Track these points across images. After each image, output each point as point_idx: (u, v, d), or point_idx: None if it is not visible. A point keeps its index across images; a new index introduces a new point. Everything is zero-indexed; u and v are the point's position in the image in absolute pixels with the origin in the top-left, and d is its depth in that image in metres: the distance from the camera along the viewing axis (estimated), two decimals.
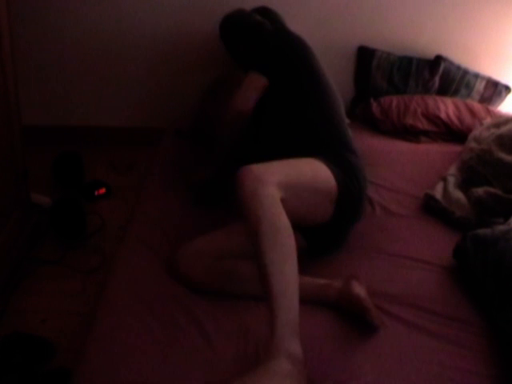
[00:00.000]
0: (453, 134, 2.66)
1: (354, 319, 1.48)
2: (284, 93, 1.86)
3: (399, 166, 2.35)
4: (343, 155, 1.75)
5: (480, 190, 2.00)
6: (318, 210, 1.63)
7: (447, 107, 2.68)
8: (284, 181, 1.46)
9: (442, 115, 2.65)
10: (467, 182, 2.13)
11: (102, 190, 2.61)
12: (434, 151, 2.53)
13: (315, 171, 1.62)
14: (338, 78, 2.88)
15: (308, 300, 1.49)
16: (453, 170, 2.23)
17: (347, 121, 1.87)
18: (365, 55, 2.87)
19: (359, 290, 1.50)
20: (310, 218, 1.64)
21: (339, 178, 1.63)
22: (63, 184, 2.66)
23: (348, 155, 1.76)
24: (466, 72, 2.81)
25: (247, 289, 1.55)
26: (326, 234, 1.69)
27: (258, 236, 1.35)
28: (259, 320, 1.44)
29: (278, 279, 1.31)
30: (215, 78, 2.54)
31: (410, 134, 2.67)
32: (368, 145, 2.52)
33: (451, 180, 2.14)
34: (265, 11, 2.32)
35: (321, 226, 1.66)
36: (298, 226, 1.58)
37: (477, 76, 2.82)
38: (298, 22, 2.80)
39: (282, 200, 1.42)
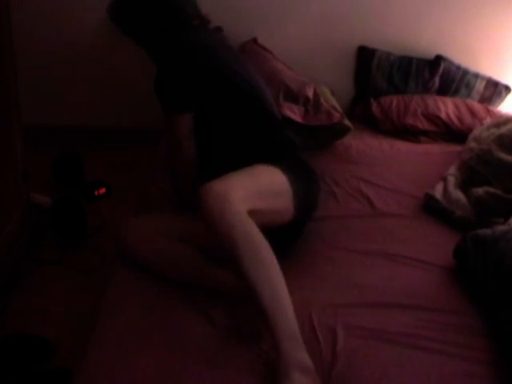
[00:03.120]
0: (453, 133, 2.66)
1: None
2: (211, 112, 1.78)
3: (399, 166, 2.35)
4: (289, 155, 1.76)
5: (480, 190, 2.00)
6: (281, 212, 1.62)
7: (447, 107, 2.68)
8: (246, 194, 1.45)
9: (442, 115, 2.65)
10: (467, 181, 2.13)
11: (102, 190, 2.61)
12: (433, 151, 2.53)
13: (271, 177, 1.62)
14: (338, 78, 2.92)
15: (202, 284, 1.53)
16: (453, 169, 2.23)
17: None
18: (365, 55, 2.87)
19: None
20: (276, 222, 1.62)
21: (291, 179, 1.62)
22: (63, 184, 2.66)
23: (293, 153, 1.77)
24: (465, 72, 2.81)
25: (184, 273, 1.58)
26: (287, 231, 1.68)
27: (237, 258, 1.34)
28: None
29: (269, 296, 1.31)
30: None
31: (410, 133, 2.67)
32: (368, 145, 2.52)
33: (451, 180, 2.14)
34: None
35: (283, 225, 1.65)
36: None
37: (477, 76, 2.82)
38: (298, 21, 2.82)
39: (249, 212, 1.40)
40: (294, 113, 2.38)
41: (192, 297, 1.53)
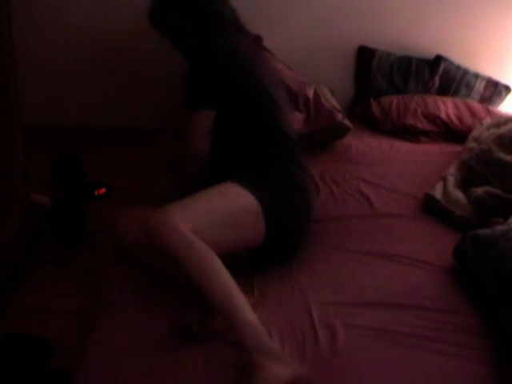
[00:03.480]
0: (453, 133, 2.66)
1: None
2: (225, 114, 1.77)
3: (399, 166, 2.35)
4: (281, 167, 1.73)
5: (480, 190, 2.00)
6: (247, 232, 1.58)
7: (447, 107, 2.68)
8: (189, 215, 1.46)
9: (442, 115, 2.65)
10: (467, 181, 2.13)
11: (102, 190, 2.61)
12: (433, 151, 2.53)
13: (225, 195, 1.59)
14: (338, 78, 2.92)
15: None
16: (452, 169, 2.23)
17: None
18: (365, 55, 2.87)
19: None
20: (243, 242, 1.59)
21: (261, 195, 1.58)
22: (63, 184, 2.66)
23: (288, 166, 1.74)
24: (465, 72, 2.81)
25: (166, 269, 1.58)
26: (268, 249, 1.63)
27: (183, 271, 1.39)
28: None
29: (219, 296, 1.36)
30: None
31: (410, 133, 2.67)
32: (368, 145, 2.52)
33: (451, 180, 2.14)
34: None
35: (261, 244, 1.61)
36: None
37: (477, 76, 2.82)
38: (298, 22, 2.82)
39: (196, 231, 1.41)
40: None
41: (192, 296, 1.53)
